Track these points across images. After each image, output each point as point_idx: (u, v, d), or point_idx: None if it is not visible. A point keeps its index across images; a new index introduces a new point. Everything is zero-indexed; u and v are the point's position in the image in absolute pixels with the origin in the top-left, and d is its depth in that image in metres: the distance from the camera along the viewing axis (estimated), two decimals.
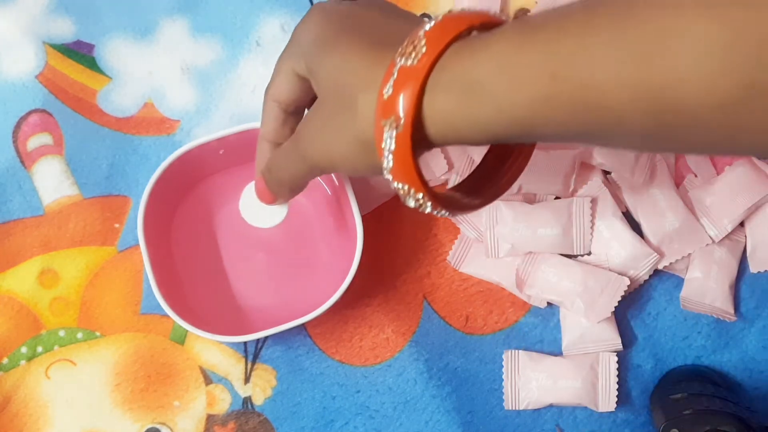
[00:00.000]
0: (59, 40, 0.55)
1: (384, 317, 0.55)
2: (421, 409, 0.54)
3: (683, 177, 0.55)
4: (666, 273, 0.54)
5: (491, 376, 0.54)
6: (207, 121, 0.55)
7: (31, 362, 0.54)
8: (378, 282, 0.55)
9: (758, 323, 0.55)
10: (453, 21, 0.31)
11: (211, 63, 0.56)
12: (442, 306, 0.55)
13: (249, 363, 0.54)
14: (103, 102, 0.55)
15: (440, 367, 0.54)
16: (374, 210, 0.55)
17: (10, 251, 0.54)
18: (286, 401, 0.54)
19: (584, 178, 0.53)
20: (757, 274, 0.54)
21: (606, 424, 0.54)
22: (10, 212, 0.54)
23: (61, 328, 0.54)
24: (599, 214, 0.53)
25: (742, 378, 0.55)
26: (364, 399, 0.54)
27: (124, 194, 0.55)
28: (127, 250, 0.54)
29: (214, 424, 0.54)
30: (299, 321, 0.48)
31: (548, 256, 0.53)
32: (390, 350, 0.54)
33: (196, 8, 0.56)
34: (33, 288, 0.54)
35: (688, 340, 0.55)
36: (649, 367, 0.54)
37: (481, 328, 0.55)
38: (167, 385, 0.54)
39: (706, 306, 0.53)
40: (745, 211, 0.53)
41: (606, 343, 0.53)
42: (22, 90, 0.55)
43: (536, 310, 0.55)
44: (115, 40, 0.56)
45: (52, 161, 0.55)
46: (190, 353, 0.54)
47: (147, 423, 0.54)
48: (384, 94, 0.31)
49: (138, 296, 0.54)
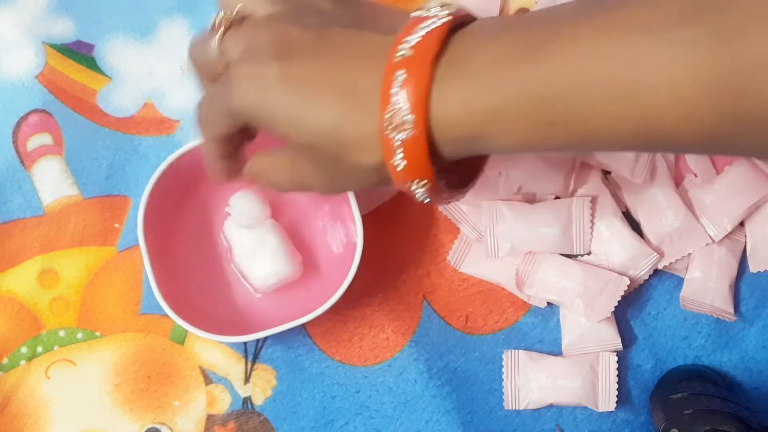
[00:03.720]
0: (59, 40, 0.55)
1: (384, 317, 0.55)
2: (421, 409, 0.54)
3: (683, 177, 0.55)
4: (666, 273, 0.54)
5: (491, 376, 0.54)
6: None
7: (31, 362, 0.54)
8: (378, 282, 0.55)
9: (758, 323, 0.55)
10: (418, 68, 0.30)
11: None
12: (442, 306, 0.55)
13: (249, 363, 0.54)
14: (103, 102, 0.55)
15: (440, 367, 0.54)
16: (374, 210, 0.55)
17: (10, 251, 0.54)
18: (286, 401, 0.54)
19: (584, 178, 0.53)
20: (757, 273, 0.54)
21: (606, 424, 0.54)
22: (10, 212, 0.54)
23: (61, 328, 0.54)
24: (599, 213, 0.53)
25: (742, 378, 0.55)
26: (364, 399, 0.54)
27: (124, 194, 0.55)
28: (127, 250, 0.54)
29: (214, 424, 0.54)
30: (299, 321, 0.48)
31: (548, 256, 0.53)
32: (390, 350, 0.54)
33: (196, 8, 0.56)
34: (33, 288, 0.54)
35: (688, 340, 0.55)
36: (649, 367, 0.54)
37: (481, 328, 0.55)
38: (167, 385, 0.54)
39: (706, 306, 0.53)
40: (745, 210, 0.53)
41: (606, 343, 0.53)
42: (22, 90, 0.55)
43: (536, 310, 0.55)
44: (115, 40, 0.56)
45: (52, 161, 0.55)
46: (190, 353, 0.54)
47: (147, 423, 0.54)
48: (397, 167, 0.32)
49: (138, 296, 0.54)
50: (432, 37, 0.30)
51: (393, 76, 0.30)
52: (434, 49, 0.30)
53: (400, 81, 0.30)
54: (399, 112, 0.30)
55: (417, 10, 0.32)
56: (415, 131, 0.30)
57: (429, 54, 0.30)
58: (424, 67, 0.30)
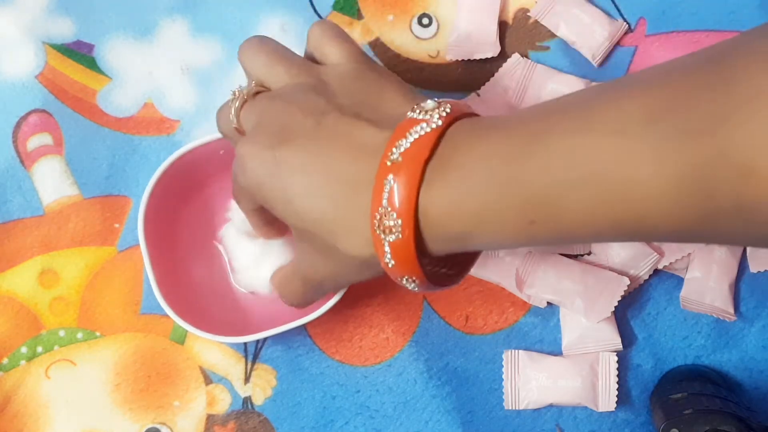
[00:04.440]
0: (59, 40, 0.55)
1: (384, 317, 0.55)
2: (421, 409, 0.54)
3: None
4: (666, 273, 0.54)
5: (491, 376, 0.54)
6: (207, 121, 0.55)
7: (31, 362, 0.54)
8: (378, 282, 0.54)
9: (758, 323, 0.55)
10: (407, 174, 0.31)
11: (211, 63, 0.56)
12: (442, 306, 0.55)
13: (249, 363, 0.54)
14: (103, 102, 0.55)
15: (440, 367, 0.54)
16: None
17: (10, 251, 0.54)
18: (286, 401, 0.54)
19: None
20: (757, 273, 0.54)
21: (606, 424, 0.54)
22: (9, 212, 0.54)
23: (61, 328, 0.54)
24: None
25: (742, 378, 0.55)
26: (364, 399, 0.54)
27: (124, 194, 0.55)
28: (127, 250, 0.54)
29: (214, 424, 0.54)
30: (299, 321, 0.48)
31: (548, 256, 0.53)
32: (390, 350, 0.54)
33: (196, 8, 0.56)
34: (33, 288, 0.54)
35: (688, 340, 0.55)
36: (649, 366, 0.54)
37: (481, 328, 0.55)
38: (167, 385, 0.54)
39: (706, 306, 0.53)
40: None
41: (606, 343, 0.53)
42: (22, 90, 0.55)
43: (536, 310, 0.55)
44: (115, 40, 0.56)
45: (52, 161, 0.55)
46: (190, 353, 0.54)
47: (147, 423, 0.54)
48: (387, 264, 0.33)
49: (138, 296, 0.54)
50: (422, 143, 0.32)
51: (383, 181, 0.32)
52: (423, 156, 0.32)
53: (389, 186, 0.32)
54: (388, 214, 0.32)
55: (415, 108, 0.33)
56: (402, 235, 0.32)
57: (418, 160, 0.32)
58: (412, 175, 0.31)
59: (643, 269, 0.53)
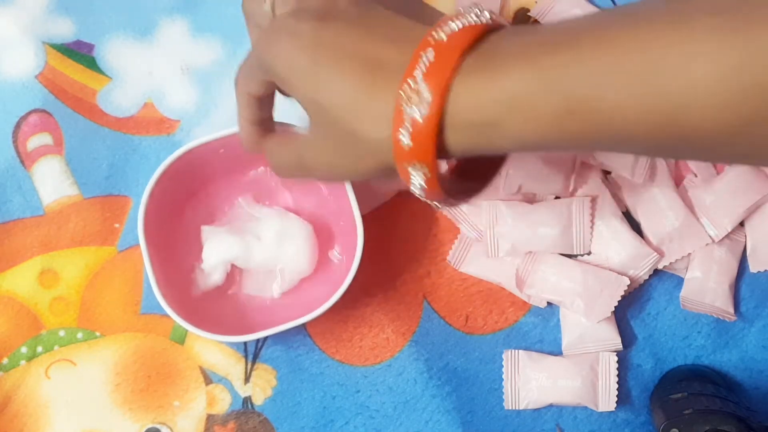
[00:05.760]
0: (59, 40, 0.55)
1: (384, 317, 0.55)
2: (421, 409, 0.54)
3: (683, 176, 0.55)
4: (666, 273, 0.54)
5: (491, 376, 0.54)
6: (207, 121, 0.55)
7: (31, 362, 0.54)
8: (378, 282, 0.55)
9: (758, 323, 0.55)
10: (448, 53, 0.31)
11: (211, 63, 0.56)
12: (442, 306, 0.55)
13: (249, 363, 0.54)
14: (102, 102, 0.55)
15: (440, 366, 0.54)
16: (374, 210, 0.55)
17: (10, 251, 0.54)
18: (286, 401, 0.54)
19: (584, 178, 0.53)
20: (757, 273, 0.54)
21: (606, 424, 0.54)
22: (10, 212, 0.54)
23: (61, 328, 0.54)
24: (599, 213, 0.53)
25: (742, 378, 0.55)
26: (364, 399, 0.54)
27: (124, 194, 0.55)
28: (127, 250, 0.54)
29: (214, 424, 0.54)
30: (299, 321, 0.48)
31: (548, 256, 0.53)
32: (390, 350, 0.54)
33: (196, 8, 0.56)
34: (33, 288, 0.54)
35: (688, 340, 0.55)
36: (649, 366, 0.54)
37: (481, 327, 0.55)
38: (167, 385, 0.54)
39: (706, 306, 0.53)
40: (745, 210, 0.53)
41: (606, 343, 0.53)
42: (22, 90, 0.55)
43: (536, 310, 0.55)
44: (115, 40, 0.56)
45: (52, 161, 0.55)
46: (190, 353, 0.54)
47: (147, 423, 0.54)
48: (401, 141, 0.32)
49: (138, 296, 0.54)
50: (466, 31, 0.31)
51: (421, 54, 0.31)
52: (467, 41, 0.31)
53: (427, 60, 0.31)
54: (418, 87, 0.31)
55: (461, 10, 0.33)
56: (428, 110, 0.31)
57: (460, 43, 0.31)
58: (452, 53, 0.31)
59: (643, 269, 0.53)
